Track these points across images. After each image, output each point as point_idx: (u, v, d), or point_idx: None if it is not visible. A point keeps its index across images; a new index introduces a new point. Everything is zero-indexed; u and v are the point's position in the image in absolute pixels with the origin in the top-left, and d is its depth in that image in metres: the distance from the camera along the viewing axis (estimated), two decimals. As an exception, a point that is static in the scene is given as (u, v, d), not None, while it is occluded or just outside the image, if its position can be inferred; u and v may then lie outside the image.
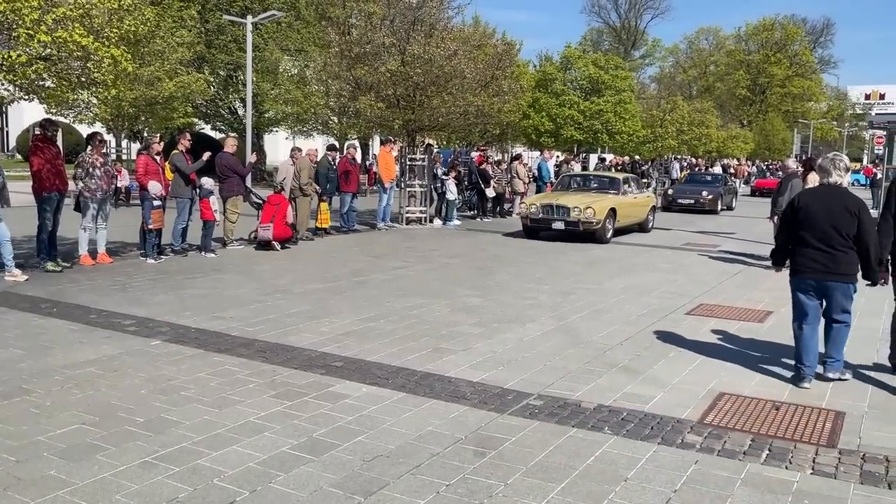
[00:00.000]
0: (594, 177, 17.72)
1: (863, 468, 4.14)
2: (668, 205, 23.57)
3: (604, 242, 14.23)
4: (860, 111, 72.63)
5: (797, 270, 5.67)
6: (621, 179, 16.39)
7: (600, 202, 14.55)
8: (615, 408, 5.01)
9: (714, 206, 23.52)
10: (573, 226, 14.18)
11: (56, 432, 4.32)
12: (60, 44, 8.15)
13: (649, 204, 17.15)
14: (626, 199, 15.63)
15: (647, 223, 16.99)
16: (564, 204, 14.40)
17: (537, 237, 14.94)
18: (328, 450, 4.18)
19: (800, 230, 5.56)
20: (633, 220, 16.11)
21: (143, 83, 19.69)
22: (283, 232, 12.39)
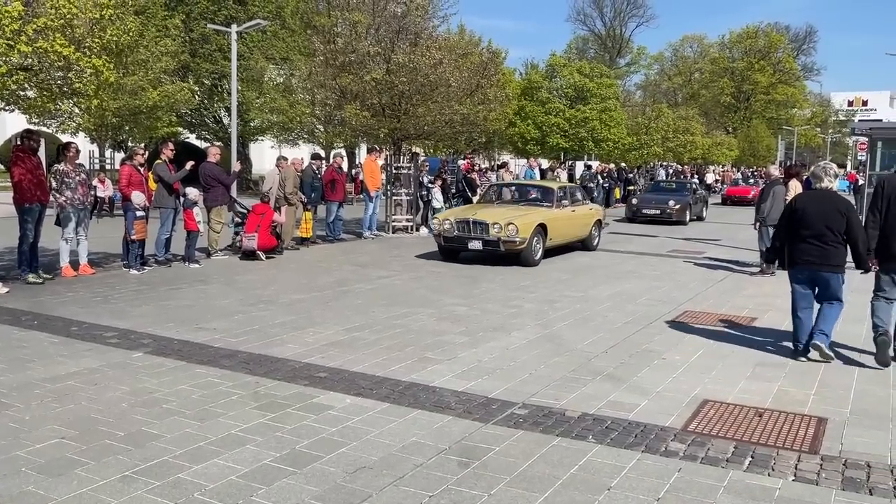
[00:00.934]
0: (525, 187, 15.06)
1: (844, 474, 4.16)
2: (632, 216, 22.18)
3: (530, 265, 12.02)
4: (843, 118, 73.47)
5: (794, 263, 6.52)
6: (555, 189, 13.88)
7: (526, 217, 12.29)
8: (599, 416, 5.01)
9: (682, 216, 21.82)
10: (493, 245, 11.92)
11: (35, 447, 4.26)
12: (41, 54, 8.09)
13: (593, 218, 14.80)
14: (562, 212, 13.33)
15: (592, 240, 14.69)
16: (483, 219, 12.03)
17: (456, 259, 12.73)
18: (311, 462, 4.15)
19: (797, 228, 6.42)
20: (572, 237, 13.90)
21: (126, 93, 19.59)
22: (268, 241, 12.33)
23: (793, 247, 6.52)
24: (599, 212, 15.52)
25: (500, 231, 11.82)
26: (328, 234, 15.43)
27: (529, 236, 11.92)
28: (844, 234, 6.26)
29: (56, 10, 8.13)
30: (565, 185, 15.24)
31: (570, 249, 14.15)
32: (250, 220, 12.35)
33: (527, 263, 12.05)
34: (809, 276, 6.43)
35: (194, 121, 31.97)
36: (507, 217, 12.10)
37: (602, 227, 15.39)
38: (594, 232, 14.86)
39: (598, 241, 15.06)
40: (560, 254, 13.67)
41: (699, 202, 23.84)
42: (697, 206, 23.42)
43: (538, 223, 12.31)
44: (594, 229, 14.84)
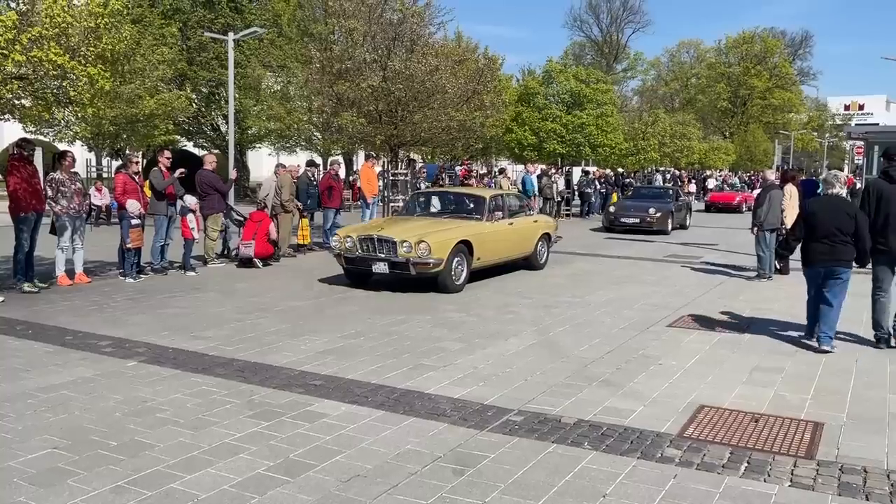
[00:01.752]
0: (453, 196, 12.86)
1: (840, 479, 4.14)
2: (609, 224, 20.53)
3: (450, 291, 9.98)
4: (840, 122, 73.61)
5: (808, 261, 7.31)
6: (486, 199, 11.48)
7: (444, 233, 10.20)
8: (595, 422, 4.99)
9: (663, 225, 20.12)
10: (401, 268, 9.86)
11: (27, 457, 4.24)
12: (36, 63, 8.08)
13: (538, 232, 12.52)
14: (494, 226, 11.12)
15: (537, 258, 12.48)
16: (389, 236, 9.94)
17: (366, 283, 10.54)
18: (305, 471, 4.13)
19: (810, 230, 7.23)
20: (509, 254, 11.71)
21: (123, 101, 19.60)
22: (265, 249, 12.32)
23: (807, 246, 7.30)
24: (548, 224, 13.26)
25: (410, 250, 9.72)
26: (325, 241, 15.41)
27: (447, 257, 9.82)
28: (852, 234, 7.04)
29: (51, 18, 8.12)
30: (500, 194, 12.54)
31: (514, 268, 12.21)
32: (247, 227, 12.34)
33: (445, 289, 9.94)
34: (822, 272, 7.22)
35: (192, 128, 31.97)
36: (418, 233, 9.96)
37: (552, 241, 13.12)
38: (540, 248, 12.59)
39: (546, 258, 12.85)
40: (498, 274, 11.76)
41: (682, 209, 22.24)
42: (680, 214, 21.90)
43: (459, 240, 10.13)
44: (540, 245, 12.57)
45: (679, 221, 21.61)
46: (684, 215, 22.27)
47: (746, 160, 58.05)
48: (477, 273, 10.91)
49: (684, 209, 22.38)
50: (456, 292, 10.04)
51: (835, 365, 6.60)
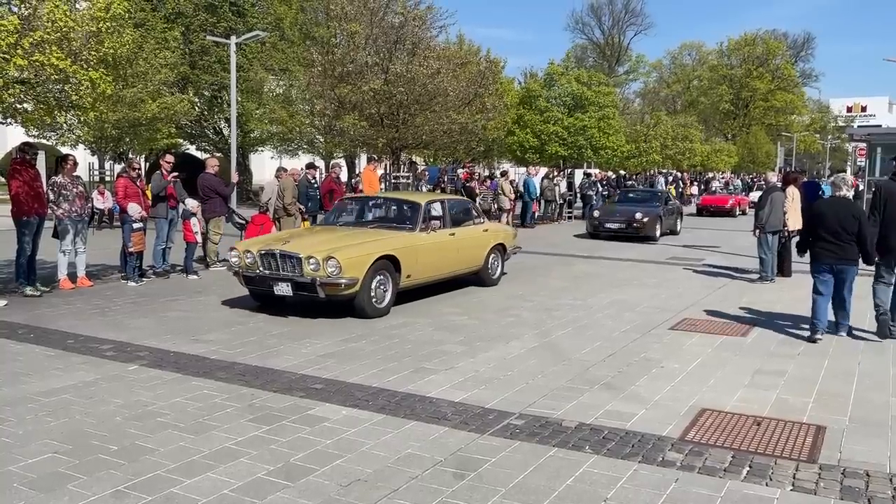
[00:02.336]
0: (384, 202, 11.07)
1: (843, 483, 4.12)
2: (594, 230, 19.30)
3: (368, 316, 8.38)
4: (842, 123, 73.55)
5: (816, 258, 7.76)
6: (421, 206, 9.88)
7: (360, 246, 8.60)
8: (596, 426, 4.98)
9: (651, 230, 18.73)
10: (307, 289, 8.21)
11: (27, 462, 4.24)
12: (38, 67, 8.10)
13: (488, 243, 10.91)
14: (431, 238, 9.58)
15: (489, 272, 10.93)
16: (293, 251, 8.35)
17: (272, 303, 8.97)
18: (305, 475, 4.12)
19: (818, 229, 7.68)
20: (451, 269, 10.13)
21: (126, 104, 19.63)
22: None
23: (814, 245, 7.77)
24: (503, 233, 11.71)
25: (318, 268, 8.14)
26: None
27: (363, 276, 8.25)
28: (856, 234, 7.48)
29: (53, 23, 8.14)
30: (440, 200, 10.76)
31: (464, 283, 10.82)
32: (249, 230, 12.33)
33: (363, 314, 8.36)
34: (829, 269, 7.66)
35: (194, 132, 32.01)
36: (328, 248, 8.35)
37: (509, 253, 11.61)
38: (493, 261, 11.00)
39: (500, 272, 11.30)
40: (441, 291, 10.27)
41: (672, 214, 20.88)
42: (670, 219, 20.56)
43: (380, 255, 8.56)
44: (493, 257, 11.00)
45: (669, 227, 20.41)
46: (675, 220, 21.09)
47: (748, 162, 58.01)
48: (418, 291, 9.77)
49: (674, 213, 21.11)
50: (379, 317, 8.47)
51: (837, 368, 6.58)
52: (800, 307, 9.54)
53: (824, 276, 7.68)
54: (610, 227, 18.94)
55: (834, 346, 7.41)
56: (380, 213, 10.71)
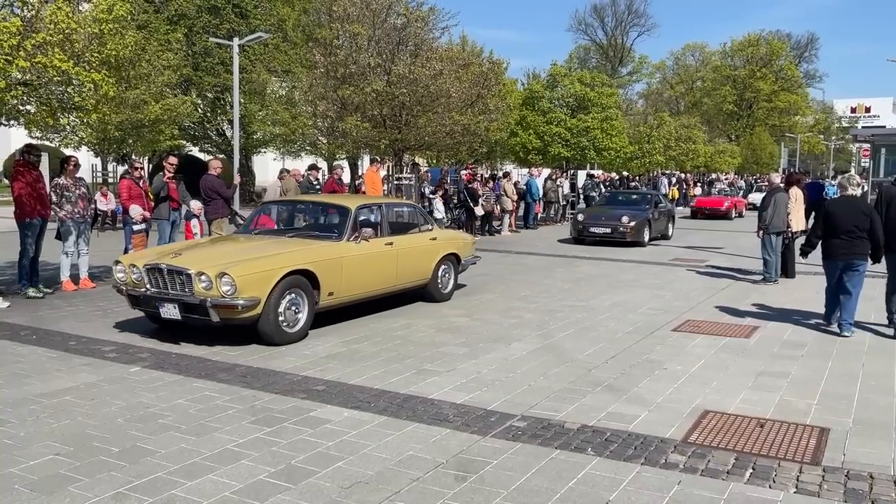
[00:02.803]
0: (309, 207, 9.89)
1: (846, 486, 4.10)
2: (578, 235, 17.96)
3: (280, 343, 7.10)
4: (846, 124, 73.37)
5: (828, 254, 8.11)
6: (352, 211, 8.38)
7: (262, 261, 7.20)
8: (599, 428, 4.96)
9: (638, 235, 17.47)
10: (198, 311, 6.89)
11: (29, 463, 4.23)
12: (40, 69, 8.11)
13: (437, 253, 9.54)
14: (363, 248, 8.17)
15: (438, 286, 9.58)
16: (182, 266, 7.03)
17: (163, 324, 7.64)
18: (306, 477, 4.11)
19: (830, 227, 8.04)
20: (388, 284, 8.74)
21: (129, 106, 19.64)
22: None
23: (827, 242, 8.11)
24: (456, 242, 10.30)
25: (210, 287, 6.78)
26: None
27: (266, 296, 6.92)
28: (867, 230, 7.85)
29: (55, 24, 8.15)
30: (377, 204, 9.16)
31: (412, 298, 9.60)
32: None
33: (269, 340, 7.06)
34: (841, 265, 8.01)
35: (197, 133, 32.07)
36: (224, 262, 7.04)
37: (464, 263, 10.24)
38: (443, 273, 9.66)
39: (454, 285, 9.96)
40: (383, 307, 9.03)
41: (663, 217, 19.45)
42: (660, 223, 19.17)
43: (290, 271, 7.18)
44: (444, 269, 9.67)
45: (659, 231, 19.11)
46: (665, 224, 19.67)
47: (752, 163, 57.89)
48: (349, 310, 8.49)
49: (665, 217, 19.68)
50: (290, 343, 7.15)
51: (841, 370, 6.55)
52: (804, 308, 9.52)
53: (836, 272, 8.08)
54: (595, 231, 17.67)
55: (837, 348, 7.39)
56: (303, 220, 9.62)
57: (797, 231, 12.08)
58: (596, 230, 17.67)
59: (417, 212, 10.30)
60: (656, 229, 18.76)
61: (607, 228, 17.52)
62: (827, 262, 8.18)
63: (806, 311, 9.31)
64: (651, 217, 18.29)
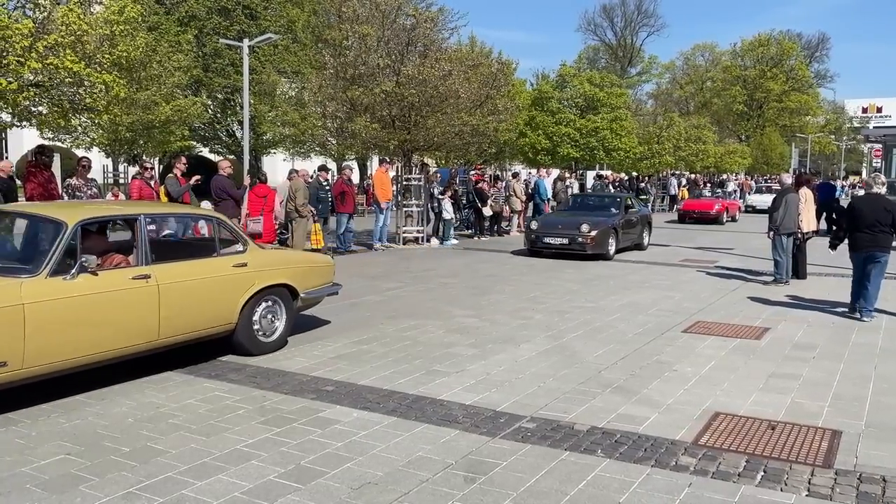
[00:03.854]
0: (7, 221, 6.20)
1: (859, 489, 4.07)
2: (531, 245, 15.24)
3: None
4: (858, 125, 72.88)
5: (854, 247, 8.90)
6: (66, 229, 5.37)
7: None
8: (609, 430, 4.94)
9: (601, 246, 14.63)
10: None
11: (40, 463, 4.26)
12: (52, 70, 8.16)
13: (246, 287, 6.61)
14: (79, 288, 5.30)
15: (259, 332, 6.78)
16: None
17: None
18: (315, 478, 4.12)
19: (855, 222, 8.83)
20: (142, 340, 5.80)
21: (139, 107, 19.77)
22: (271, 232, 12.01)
23: (853, 236, 8.89)
24: (290, 267, 7.18)
25: None
26: (338, 246, 15.44)
27: None
28: (890, 225, 8.59)
29: (67, 26, 8.21)
30: (132, 216, 6.16)
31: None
32: (252, 202, 11.98)
33: None
34: (865, 256, 8.75)
35: (207, 134, 32.19)
36: None
37: (307, 297, 7.32)
38: (264, 315, 6.81)
39: (284, 330, 7.05)
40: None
41: (635, 225, 16.55)
42: (632, 231, 16.32)
43: None
44: (264, 308, 6.81)
45: (632, 240, 16.38)
46: (640, 232, 16.82)
47: (762, 164, 57.59)
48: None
49: (638, 224, 16.75)
50: None
51: (853, 372, 6.51)
52: (815, 310, 9.47)
53: (861, 263, 8.84)
54: (549, 242, 14.85)
55: (849, 350, 7.33)
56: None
57: (809, 232, 12.01)
58: (551, 241, 14.84)
59: (219, 226, 6.88)
60: (627, 238, 16.02)
61: (564, 239, 14.70)
62: (853, 253, 8.97)
63: (817, 313, 9.25)
64: (618, 224, 15.42)
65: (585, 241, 14.53)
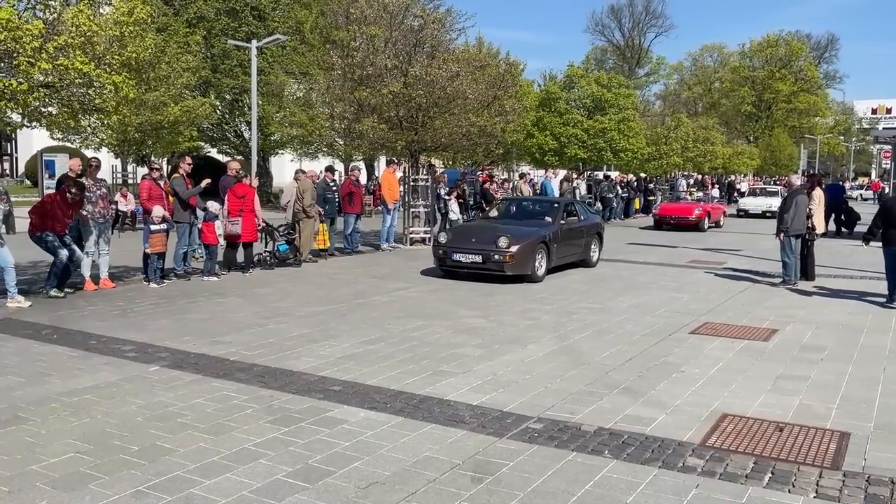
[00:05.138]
0: None
1: (867, 491, 4.05)
2: (440, 264, 12.20)
3: None
4: (867, 125, 72.55)
5: (886, 242, 9.82)
6: None
7: None
8: (616, 430, 4.94)
9: (524, 265, 11.57)
10: None
11: (50, 461, 4.28)
12: (62, 71, 8.21)
13: None
14: None
15: None
16: None
17: None
18: (323, 477, 4.13)
19: (887, 219, 9.79)
20: None
21: (148, 108, 19.84)
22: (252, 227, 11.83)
23: (886, 232, 9.79)
24: None
25: None
26: (346, 247, 15.47)
27: None
28: None
29: (77, 27, 8.26)
30: None
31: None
32: (231, 202, 11.78)
33: None
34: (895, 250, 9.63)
35: (215, 135, 32.28)
36: None
37: None
38: None
39: None
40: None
41: (577, 237, 13.25)
42: (576, 245, 13.20)
43: None
44: None
45: (575, 256, 13.27)
46: (586, 246, 13.55)
47: (771, 165, 57.39)
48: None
49: (584, 236, 13.52)
50: None
51: (861, 374, 6.48)
52: (823, 311, 9.43)
53: (893, 256, 9.68)
54: (459, 260, 11.73)
55: (858, 352, 7.30)
56: None
57: (818, 233, 11.99)
58: (461, 258, 11.70)
59: None
60: (566, 254, 12.82)
61: (476, 256, 11.55)
62: (886, 248, 9.83)
63: (826, 315, 9.22)
64: (550, 237, 12.24)
65: (503, 258, 11.32)
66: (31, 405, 5.26)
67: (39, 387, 5.71)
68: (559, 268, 12.76)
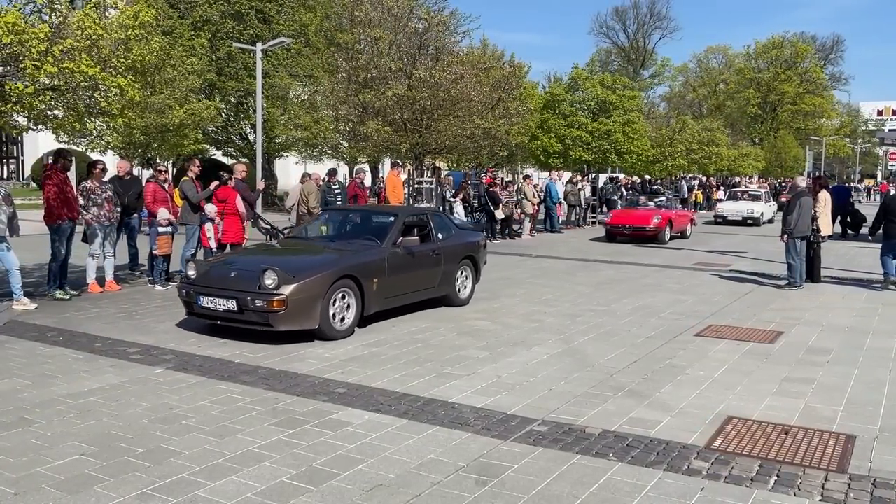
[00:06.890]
0: None
1: (873, 494, 4.04)
2: (188, 309, 7.94)
3: None
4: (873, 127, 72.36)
5: (888, 235, 11.49)
6: None
7: None
8: (620, 433, 4.93)
9: (301, 316, 7.27)
10: None
11: (55, 463, 4.30)
12: (68, 74, 8.24)
13: None
14: None
15: None
16: None
17: None
18: (327, 479, 4.13)
19: (889, 216, 11.43)
20: None
21: (154, 111, 19.89)
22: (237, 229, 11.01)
23: (887, 226, 11.42)
24: None
25: None
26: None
27: None
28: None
29: (82, 31, 8.28)
30: None
31: None
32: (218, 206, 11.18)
33: None
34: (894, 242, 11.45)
35: (221, 138, 32.37)
36: None
37: None
38: None
39: None
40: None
41: (438, 265, 9.30)
42: (424, 277, 9.07)
43: None
44: None
45: (428, 292, 9.25)
46: (443, 277, 9.41)
47: (776, 167, 57.21)
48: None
49: (440, 264, 9.32)
50: None
51: (867, 376, 6.46)
52: (829, 313, 9.40)
53: (892, 247, 11.45)
54: (208, 307, 7.56)
55: (864, 355, 7.28)
56: None
57: (825, 235, 11.96)
58: (210, 304, 7.52)
59: None
60: (401, 289, 8.69)
61: (229, 301, 7.37)
62: (886, 241, 11.51)
63: (831, 317, 9.19)
64: (364, 268, 8.02)
65: (266, 305, 7.17)
66: (36, 407, 5.28)
67: (45, 389, 5.72)
68: (401, 310, 8.95)
